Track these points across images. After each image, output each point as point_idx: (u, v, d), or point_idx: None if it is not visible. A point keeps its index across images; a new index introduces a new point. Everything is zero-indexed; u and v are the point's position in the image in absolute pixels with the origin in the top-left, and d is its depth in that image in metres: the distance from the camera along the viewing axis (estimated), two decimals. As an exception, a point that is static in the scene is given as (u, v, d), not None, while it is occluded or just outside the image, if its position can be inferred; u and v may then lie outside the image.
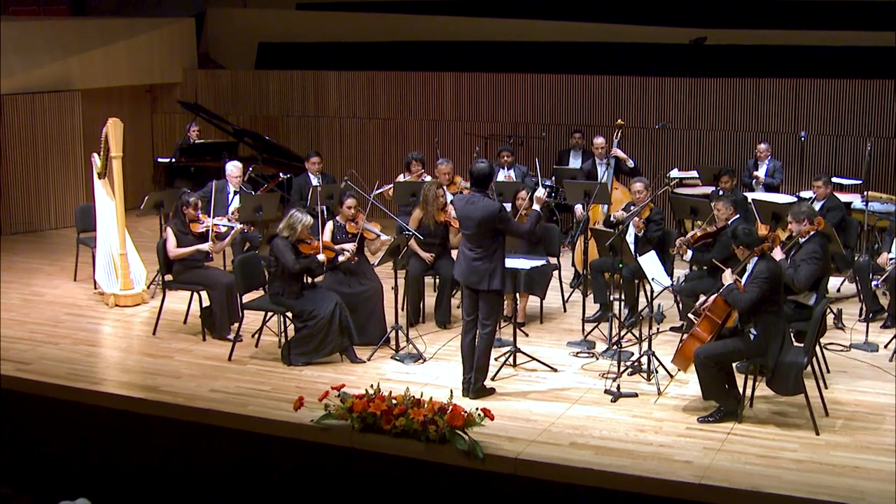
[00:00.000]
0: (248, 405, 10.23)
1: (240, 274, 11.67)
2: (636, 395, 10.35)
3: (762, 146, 15.90)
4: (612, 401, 10.22)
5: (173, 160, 18.14)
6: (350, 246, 11.79)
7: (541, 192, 10.61)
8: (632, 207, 12.63)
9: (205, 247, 12.42)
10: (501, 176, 15.55)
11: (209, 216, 12.68)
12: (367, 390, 9.49)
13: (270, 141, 18.25)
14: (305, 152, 16.38)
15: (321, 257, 11.49)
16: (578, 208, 14.44)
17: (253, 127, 19.87)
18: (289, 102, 20.56)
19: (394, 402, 9.33)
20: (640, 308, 12.09)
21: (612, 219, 12.85)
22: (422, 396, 9.36)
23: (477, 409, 9.18)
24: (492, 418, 9.13)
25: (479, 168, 10.26)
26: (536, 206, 10.50)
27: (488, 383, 10.54)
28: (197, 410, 10.24)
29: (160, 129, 21.34)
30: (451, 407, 9.15)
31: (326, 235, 12.01)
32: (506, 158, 15.72)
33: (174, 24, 21.22)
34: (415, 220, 12.67)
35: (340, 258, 11.72)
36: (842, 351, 11.75)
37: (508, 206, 11.95)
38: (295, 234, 11.35)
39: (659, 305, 11.84)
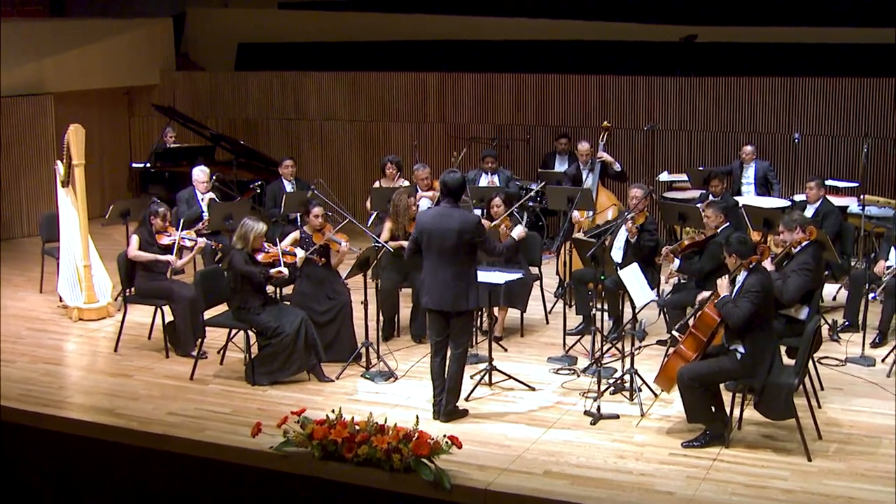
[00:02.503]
0: (205, 429, 9.67)
1: (202, 288, 11.13)
2: (617, 416, 9.75)
3: (748, 148, 15.40)
4: (591, 423, 9.63)
5: (148, 165, 17.64)
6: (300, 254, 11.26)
7: (521, 230, 10.16)
8: (627, 214, 12.05)
9: (166, 258, 11.84)
10: (485, 181, 15.07)
11: (177, 229, 12.13)
12: (327, 416, 8.91)
13: (246, 146, 17.75)
14: (285, 155, 15.91)
15: (284, 270, 10.94)
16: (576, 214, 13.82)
17: (232, 130, 19.45)
18: (268, 105, 20.08)
19: (356, 428, 8.76)
20: (624, 320, 11.50)
21: (603, 224, 12.33)
22: (385, 422, 8.78)
23: (444, 436, 8.60)
24: (459, 446, 8.55)
25: (453, 178, 9.66)
26: (514, 235, 10.03)
27: (461, 404, 9.97)
28: (152, 436, 9.67)
29: (138, 132, 20.86)
30: (416, 434, 8.58)
31: (287, 244, 11.45)
32: (489, 164, 15.21)
33: (151, 24, 20.73)
34: (388, 232, 12.12)
35: (298, 260, 11.16)
36: (837, 366, 11.19)
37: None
38: (248, 243, 10.80)
39: (641, 322, 11.27)
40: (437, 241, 9.54)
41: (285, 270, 11.00)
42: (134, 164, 18.54)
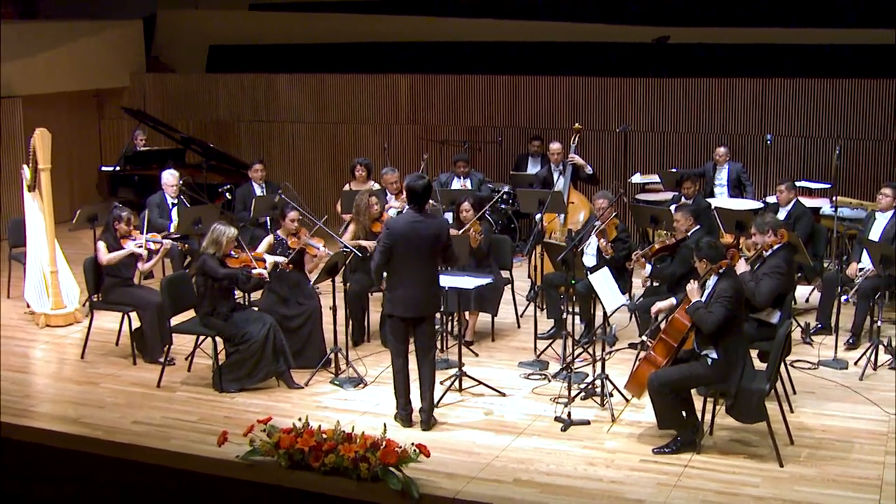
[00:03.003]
0: (171, 438, 9.53)
1: (169, 294, 10.98)
2: (588, 422, 9.66)
3: (721, 150, 15.34)
4: (562, 430, 9.53)
5: (117, 169, 17.48)
6: (282, 260, 11.12)
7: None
8: (596, 223, 11.94)
9: (139, 251, 11.72)
10: (457, 185, 14.98)
11: (142, 232, 11.99)
12: (294, 424, 8.79)
13: (216, 149, 17.62)
14: (255, 158, 15.80)
15: (263, 272, 10.82)
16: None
17: (203, 132, 19.33)
18: (239, 107, 19.98)
19: (323, 436, 8.63)
20: (596, 325, 11.40)
21: (573, 234, 12.23)
22: (353, 430, 8.66)
23: (412, 444, 8.48)
24: (427, 455, 8.42)
25: (419, 184, 9.54)
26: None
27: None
28: (117, 445, 9.53)
29: (108, 135, 20.75)
30: (384, 442, 8.46)
31: (262, 250, 11.33)
32: (462, 168, 15.12)
33: (121, 27, 20.58)
34: (350, 234, 12.01)
35: (268, 264, 11.03)
36: (809, 369, 11.13)
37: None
38: (221, 248, 10.67)
39: (612, 327, 11.18)
40: (411, 248, 9.41)
41: (265, 272, 10.87)
42: (103, 168, 18.34)
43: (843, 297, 11.70)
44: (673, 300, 9.81)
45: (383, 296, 11.81)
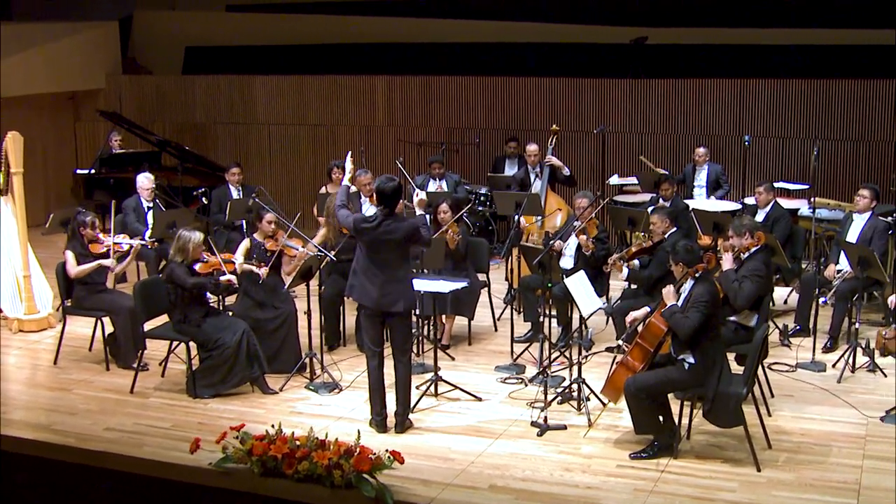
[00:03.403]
0: (144, 445, 9.42)
1: (141, 299, 10.86)
2: (565, 427, 9.57)
3: (701, 150, 15.29)
4: (538, 434, 9.45)
5: (93, 171, 17.36)
6: (262, 271, 11.02)
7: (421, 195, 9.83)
8: (576, 223, 11.87)
9: (107, 262, 11.58)
10: (433, 187, 14.90)
11: (109, 235, 11.87)
12: (267, 431, 8.69)
13: (192, 151, 17.51)
14: (232, 161, 15.71)
15: (232, 277, 10.71)
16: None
17: (179, 134, 19.20)
18: (216, 108, 19.87)
19: (297, 443, 8.53)
20: (573, 328, 11.33)
21: (550, 236, 12.16)
22: (326, 437, 8.57)
23: (386, 450, 8.39)
24: (401, 462, 8.31)
25: (389, 186, 9.45)
26: (420, 210, 9.69)
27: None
28: (89, 452, 9.40)
29: (84, 137, 20.57)
30: (358, 449, 8.36)
31: (240, 255, 11.23)
32: (437, 170, 15.05)
33: (97, 28, 20.43)
34: (321, 237, 11.92)
35: (238, 266, 10.94)
36: (787, 371, 11.07)
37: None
38: (188, 255, 10.56)
39: (589, 331, 11.11)
40: (383, 251, 9.35)
41: (233, 277, 10.76)
42: (78, 171, 18.21)
43: (821, 299, 11.65)
44: (647, 309, 9.71)
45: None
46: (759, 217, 12.90)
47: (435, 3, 19.89)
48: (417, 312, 11.26)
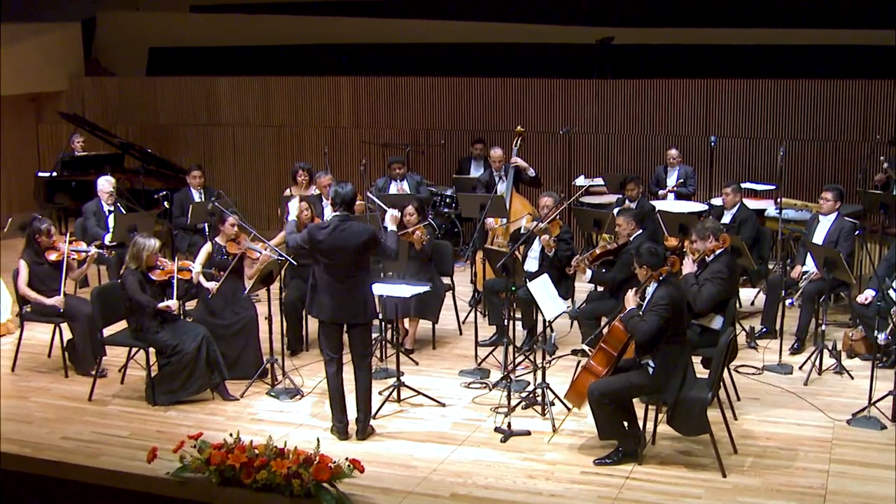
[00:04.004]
0: (101, 455, 9.26)
1: (98, 305, 10.69)
2: (529, 433, 9.46)
3: (673, 152, 15.17)
4: (502, 441, 9.33)
5: (54, 174, 17.15)
6: (212, 285, 10.87)
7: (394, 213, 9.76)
8: (540, 225, 11.75)
9: (52, 302, 11.33)
10: (394, 188, 14.77)
11: (64, 241, 11.67)
12: (225, 440, 8.54)
13: (154, 154, 17.34)
14: (198, 163, 15.55)
15: (171, 303, 10.48)
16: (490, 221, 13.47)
17: (143, 136, 18.99)
18: (180, 110, 19.69)
19: (255, 452, 8.39)
20: (538, 331, 11.21)
21: (523, 231, 12.02)
22: (286, 445, 8.43)
23: (346, 459, 8.26)
24: (361, 470, 8.20)
25: (346, 191, 9.33)
26: (392, 227, 9.59)
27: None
28: (44, 462, 9.24)
29: (46, 139, 20.36)
30: (317, 458, 8.23)
31: (201, 258, 11.08)
32: (397, 170, 14.89)
33: (59, 29, 20.24)
34: (280, 239, 11.78)
35: (194, 276, 10.79)
36: (754, 374, 10.98)
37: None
38: (142, 262, 10.40)
39: (552, 336, 10.99)
40: (337, 258, 9.21)
41: (174, 305, 10.51)
42: (40, 174, 18.00)
43: (788, 301, 11.58)
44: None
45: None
46: (726, 218, 12.83)
47: (400, 4, 19.73)
48: (380, 316, 11.15)
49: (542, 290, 9.95)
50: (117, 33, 21.72)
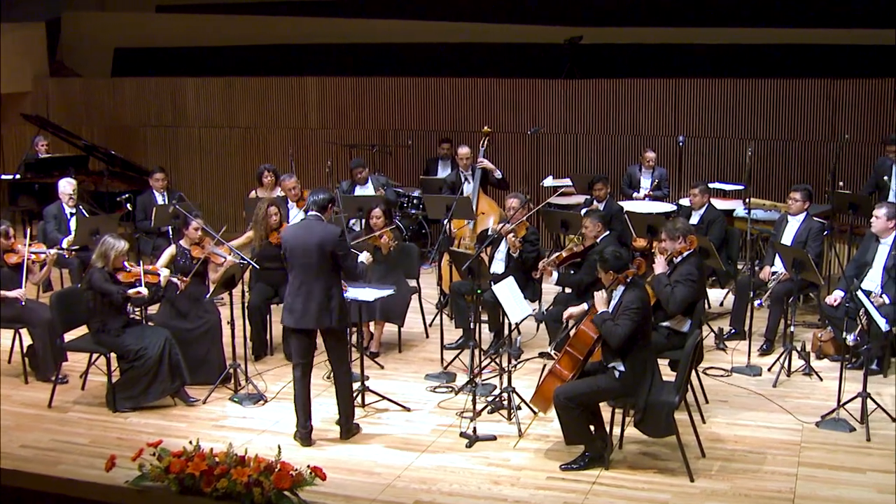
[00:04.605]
0: (60, 463, 9.10)
1: (58, 310, 10.51)
2: (494, 437, 9.33)
3: (650, 154, 15.11)
4: (467, 446, 9.21)
5: (17, 176, 16.95)
6: (181, 283, 10.72)
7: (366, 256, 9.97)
8: (506, 226, 11.63)
9: (14, 294, 11.14)
10: (359, 192, 14.57)
11: (24, 244, 11.47)
12: (185, 447, 8.38)
13: (119, 156, 17.16)
14: (162, 164, 15.40)
15: (142, 289, 10.33)
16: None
17: (108, 137, 18.81)
18: (145, 111, 19.54)
19: (215, 460, 8.23)
20: (504, 334, 11.09)
21: (490, 233, 11.91)
22: (246, 453, 8.27)
23: (308, 466, 8.11)
24: (323, 478, 8.03)
25: (321, 199, 9.27)
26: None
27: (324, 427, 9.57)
28: (1, 472, 9.04)
29: (10, 141, 20.18)
30: (278, 465, 8.08)
31: (164, 260, 10.93)
32: (359, 174, 14.72)
33: (23, 29, 20.01)
34: (245, 240, 11.65)
35: (162, 278, 10.62)
36: (722, 376, 10.89)
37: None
38: (109, 262, 10.23)
39: (517, 340, 10.86)
40: (300, 257, 9.13)
41: (144, 290, 10.36)
42: (3, 176, 17.80)
43: (756, 302, 11.50)
44: (585, 306, 9.47)
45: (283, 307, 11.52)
46: (694, 219, 12.76)
47: (367, 3, 19.61)
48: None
49: (508, 292, 9.83)
50: (82, 34, 21.56)
